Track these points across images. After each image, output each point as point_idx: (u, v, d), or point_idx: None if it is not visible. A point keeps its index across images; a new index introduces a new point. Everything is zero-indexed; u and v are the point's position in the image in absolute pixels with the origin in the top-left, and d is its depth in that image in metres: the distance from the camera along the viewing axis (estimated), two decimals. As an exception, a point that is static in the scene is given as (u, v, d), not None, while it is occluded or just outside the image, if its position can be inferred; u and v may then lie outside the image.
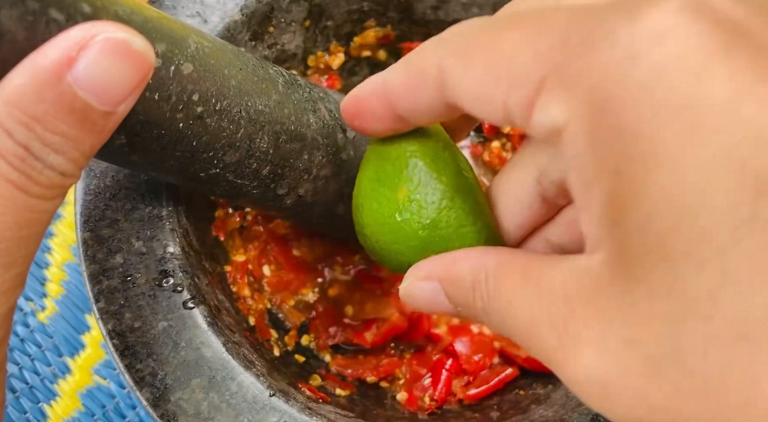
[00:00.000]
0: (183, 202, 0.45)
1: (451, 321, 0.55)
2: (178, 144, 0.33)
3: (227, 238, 0.51)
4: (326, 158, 0.42)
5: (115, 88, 0.26)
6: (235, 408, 0.39)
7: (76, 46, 0.24)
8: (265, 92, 0.37)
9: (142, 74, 0.26)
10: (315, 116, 0.42)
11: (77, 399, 0.59)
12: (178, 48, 0.31)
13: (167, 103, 0.31)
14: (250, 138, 0.37)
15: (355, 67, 0.59)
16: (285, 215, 0.45)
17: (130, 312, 0.40)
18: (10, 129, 0.24)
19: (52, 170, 0.26)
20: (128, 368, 0.39)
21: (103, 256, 0.41)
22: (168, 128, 0.32)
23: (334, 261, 0.55)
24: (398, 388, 0.52)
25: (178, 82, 0.31)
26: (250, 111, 0.36)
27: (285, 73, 0.41)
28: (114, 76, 0.25)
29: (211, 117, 0.33)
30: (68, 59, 0.24)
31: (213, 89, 0.33)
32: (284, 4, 0.52)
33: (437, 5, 0.56)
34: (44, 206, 0.26)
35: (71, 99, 0.25)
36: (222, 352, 0.40)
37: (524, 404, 0.47)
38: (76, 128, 0.26)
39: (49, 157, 0.25)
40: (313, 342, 0.53)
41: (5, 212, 0.25)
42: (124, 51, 0.25)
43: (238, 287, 0.50)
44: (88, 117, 0.26)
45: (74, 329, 0.61)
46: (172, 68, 0.31)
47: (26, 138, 0.25)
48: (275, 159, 0.39)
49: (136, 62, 0.26)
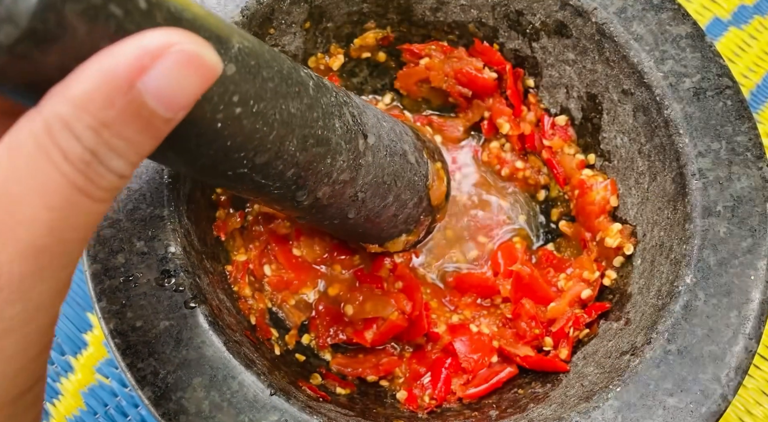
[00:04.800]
0: (184, 202, 0.45)
1: (451, 321, 0.55)
2: (213, 143, 0.33)
3: (228, 238, 0.52)
4: (347, 162, 0.42)
5: (181, 97, 0.26)
6: (236, 407, 0.39)
7: (150, 55, 0.24)
8: (297, 95, 0.38)
9: (207, 84, 0.26)
10: (340, 121, 0.42)
11: (80, 397, 0.59)
12: (223, 48, 0.31)
13: (209, 104, 0.31)
14: (281, 141, 0.37)
15: (355, 68, 0.60)
16: (297, 214, 0.46)
17: (132, 312, 0.41)
18: (80, 134, 0.24)
19: (112, 174, 0.26)
20: (130, 367, 0.39)
21: (105, 256, 0.42)
22: (206, 127, 0.32)
23: (334, 261, 0.55)
24: (398, 387, 0.53)
25: (221, 83, 0.31)
26: (284, 114, 0.36)
27: (314, 76, 0.41)
28: (183, 87, 0.25)
29: (248, 119, 0.33)
30: (141, 67, 0.24)
31: (252, 91, 0.33)
32: (285, 5, 0.52)
33: (437, 7, 0.56)
34: (100, 209, 0.27)
35: (139, 106, 0.25)
36: (223, 351, 0.40)
37: (523, 402, 0.48)
38: (140, 134, 0.26)
39: (111, 161, 0.25)
40: (314, 341, 0.54)
41: (68, 216, 0.25)
42: (197, 64, 0.25)
43: (239, 287, 0.50)
44: (151, 123, 0.26)
45: (77, 327, 0.62)
46: None
47: (94, 143, 0.25)
48: (300, 162, 0.39)
49: (205, 74, 0.26)
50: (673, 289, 0.44)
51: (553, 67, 0.55)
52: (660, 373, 0.42)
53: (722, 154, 0.46)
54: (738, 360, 0.42)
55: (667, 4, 0.50)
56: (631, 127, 0.51)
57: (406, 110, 0.61)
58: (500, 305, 0.55)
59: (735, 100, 0.48)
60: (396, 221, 0.51)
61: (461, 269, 0.57)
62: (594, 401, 0.42)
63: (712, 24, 0.77)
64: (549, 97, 0.57)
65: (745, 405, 0.63)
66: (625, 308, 0.49)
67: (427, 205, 0.52)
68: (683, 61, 0.49)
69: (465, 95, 0.59)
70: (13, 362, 0.26)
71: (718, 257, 0.44)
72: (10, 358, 0.26)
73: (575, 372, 0.48)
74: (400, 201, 0.49)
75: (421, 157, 0.51)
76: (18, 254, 0.25)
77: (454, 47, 0.58)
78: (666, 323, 0.43)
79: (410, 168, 0.49)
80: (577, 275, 0.53)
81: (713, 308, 0.43)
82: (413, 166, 0.50)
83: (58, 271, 0.26)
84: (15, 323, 0.25)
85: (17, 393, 0.27)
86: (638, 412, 0.41)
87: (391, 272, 0.55)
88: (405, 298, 0.53)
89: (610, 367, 0.45)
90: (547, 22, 0.53)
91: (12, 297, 0.25)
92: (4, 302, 0.25)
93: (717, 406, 0.41)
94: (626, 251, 0.51)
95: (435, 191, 0.52)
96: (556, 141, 0.57)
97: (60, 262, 0.26)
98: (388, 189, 0.47)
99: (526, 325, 0.52)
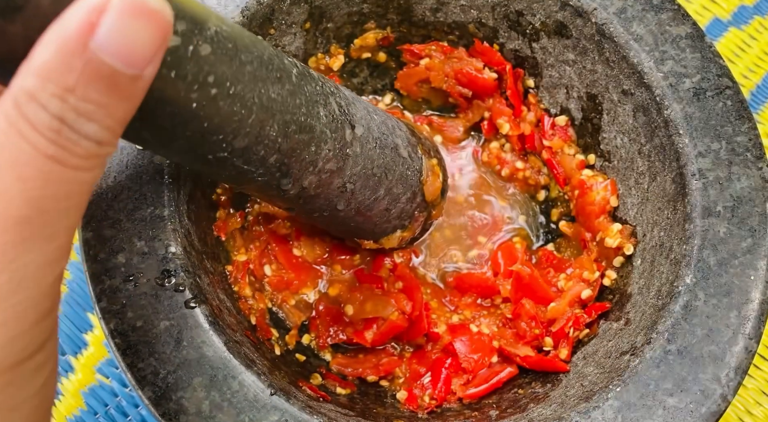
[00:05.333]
0: (185, 202, 0.45)
1: (451, 321, 0.55)
2: (189, 124, 0.33)
3: (228, 238, 0.52)
4: (333, 152, 0.43)
5: (138, 50, 0.26)
6: (237, 407, 0.40)
7: (94, 11, 0.24)
8: (279, 81, 0.38)
9: (163, 33, 0.26)
10: (325, 110, 0.42)
11: (80, 397, 0.59)
12: (198, 28, 0.31)
13: (183, 82, 0.31)
14: (260, 125, 0.37)
15: (356, 68, 0.60)
16: (287, 205, 0.46)
17: (132, 312, 0.41)
18: (45, 102, 0.25)
19: (87, 140, 0.26)
20: (130, 367, 0.39)
21: (105, 256, 0.42)
22: (181, 107, 0.32)
23: (334, 261, 0.56)
24: (398, 387, 0.53)
25: (195, 63, 0.31)
26: (263, 98, 0.36)
27: (299, 65, 0.41)
28: (135, 38, 0.25)
29: (224, 100, 0.34)
30: (89, 26, 0.24)
31: (228, 73, 0.33)
32: (285, 6, 0.52)
33: (437, 7, 0.56)
34: (83, 177, 0.27)
35: (98, 65, 0.25)
36: (223, 351, 0.40)
37: (523, 403, 0.48)
38: (107, 95, 0.26)
39: (83, 126, 0.25)
40: (314, 341, 0.54)
41: (44, 185, 0.25)
42: (141, 11, 0.25)
43: (239, 287, 0.50)
44: (117, 82, 0.26)
45: (77, 327, 0.62)
46: (190, 48, 0.31)
47: (60, 110, 0.25)
48: (283, 148, 0.39)
49: (155, 21, 0.26)
50: (673, 289, 0.44)
51: (553, 67, 0.55)
52: (660, 373, 0.42)
53: (722, 154, 0.46)
54: (738, 360, 0.42)
55: (667, 4, 0.50)
56: (631, 127, 0.51)
57: (406, 111, 0.61)
58: (500, 306, 0.55)
59: (735, 101, 0.48)
60: (389, 216, 0.50)
61: (461, 269, 0.57)
62: (594, 401, 0.42)
63: (712, 24, 0.77)
64: (549, 97, 0.57)
65: (745, 405, 0.63)
66: (625, 308, 0.49)
67: (422, 200, 0.52)
68: (683, 62, 0.49)
69: (465, 95, 0.59)
70: (5, 330, 0.26)
71: (718, 258, 0.44)
72: (0, 326, 0.26)
73: (575, 372, 0.48)
74: (392, 195, 0.49)
75: (414, 152, 0.51)
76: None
77: (454, 48, 0.58)
78: (666, 323, 0.43)
79: (402, 162, 0.49)
80: (577, 276, 0.53)
81: (713, 308, 0.43)
82: (405, 160, 0.50)
83: (42, 242, 0.26)
84: (1, 293, 0.26)
85: (14, 361, 0.27)
86: (638, 412, 0.41)
87: (391, 272, 0.55)
88: (405, 298, 0.53)
89: (610, 367, 0.45)
90: (547, 22, 0.53)
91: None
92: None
93: (717, 406, 0.41)
94: (626, 251, 0.51)
95: (429, 187, 0.52)
96: (556, 141, 0.57)
97: (44, 233, 0.26)
98: (379, 182, 0.47)
99: (526, 325, 0.52)
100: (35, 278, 0.26)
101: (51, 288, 0.28)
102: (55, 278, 0.28)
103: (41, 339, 0.28)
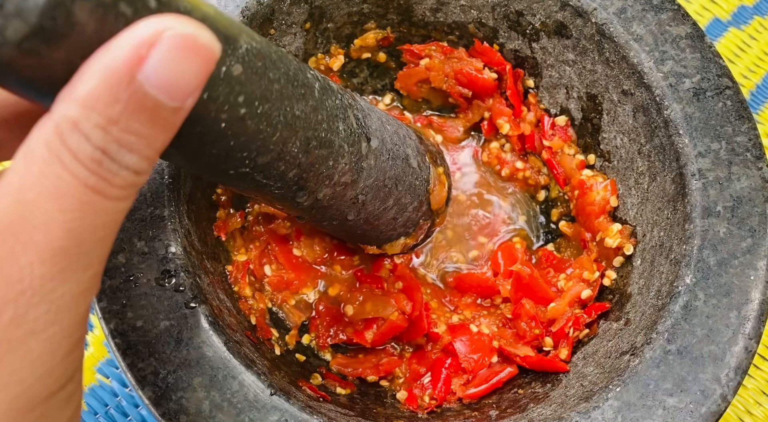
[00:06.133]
0: (185, 202, 0.45)
1: (451, 321, 0.55)
2: (216, 142, 0.33)
3: (229, 238, 0.52)
4: (349, 165, 0.43)
5: (183, 83, 0.25)
6: (237, 407, 0.40)
7: (144, 44, 0.24)
8: (303, 98, 0.38)
9: (208, 67, 0.26)
10: (344, 124, 0.42)
11: (80, 397, 0.59)
12: (231, 48, 0.31)
13: (214, 103, 0.31)
14: (284, 142, 0.37)
15: (356, 68, 0.60)
16: (297, 214, 0.46)
17: (132, 312, 0.41)
18: (88, 133, 0.24)
19: (127, 170, 0.26)
20: (130, 367, 0.39)
21: (106, 256, 0.42)
22: (210, 126, 0.32)
23: (334, 261, 0.56)
24: (398, 387, 0.53)
25: (227, 84, 0.31)
26: (288, 116, 0.36)
27: (320, 78, 0.41)
28: (182, 72, 0.25)
29: (252, 119, 0.34)
30: (138, 58, 0.24)
31: (258, 92, 0.33)
32: (285, 6, 0.52)
33: (437, 7, 0.56)
34: (119, 207, 0.27)
35: (142, 97, 0.25)
36: (223, 351, 0.40)
37: (523, 402, 0.48)
38: (148, 126, 0.25)
39: (124, 158, 0.25)
40: (314, 341, 0.54)
41: (83, 216, 0.25)
42: (192, 46, 0.25)
43: (239, 287, 0.50)
44: (159, 114, 0.25)
45: (77, 328, 0.62)
46: (223, 69, 0.30)
47: (103, 141, 0.25)
48: (303, 163, 0.39)
49: (203, 56, 0.26)
50: (672, 289, 0.44)
51: (553, 67, 0.55)
52: (660, 373, 0.42)
53: (722, 154, 0.46)
54: (738, 360, 0.42)
55: (666, 4, 0.50)
56: (631, 127, 0.51)
57: (406, 111, 0.61)
58: (500, 306, 0.55)
59: (735, 101, 0.48)
60: (395, 224, 0.51)
61: (461, 269, 0.57)
62: (594, 401, 0.42)
63: (711, 24, 0.77)
64: (549, 97, 0.57)
65: (745, 405, 0.63)
66: (625, 308, 0.49)
67: (427, 209, 0.52)
68: (683, 62, 0.49)
69: (465, 96, 0.59)
70: (41, 363, 0.26)
71: (718, 258, 0.44)
72: (36, 359, 0.26)
73: (575, 372, 0.48)
74: (401, 205, 0.49)
75: (423, 161, 0.51)
76: (37, 258, 0.25)
77: (454, 48, 0.58)
78: (666, 323, 0.43)
79: (412, 172, 0.49)
80: (577, 276, 0.53)
81: (713, 308, 0.43)
82: (415, 170, 0.50)
83: (79, 272, 0.26)
84: (39, 325, 0.25)
85: (48, 394, 0.27)
86: (638, 412, 0.41)
87: (391, 273, 0.55)
88: (405, 298, 0.53)
89: (610, 367, 0.45)
90: (547, 22, 0.53)
91: (34, 300, 0.25)
92: (27, 304, 0.25)
93: (717, 406, 0.41)
94: (626, 251, 0.51)
95: (436, 196, 0.52)
96: (556, 141, 0.57)
97: (80, 263, 0.26)
98: (389, 193, 0.47)
99: (526, 325, 0.52)
100: (70, 309, 0.26)
101: (83, 318, 0.28)
102: (87, 307, 0.28)
103: (72, 368, 0.28)
